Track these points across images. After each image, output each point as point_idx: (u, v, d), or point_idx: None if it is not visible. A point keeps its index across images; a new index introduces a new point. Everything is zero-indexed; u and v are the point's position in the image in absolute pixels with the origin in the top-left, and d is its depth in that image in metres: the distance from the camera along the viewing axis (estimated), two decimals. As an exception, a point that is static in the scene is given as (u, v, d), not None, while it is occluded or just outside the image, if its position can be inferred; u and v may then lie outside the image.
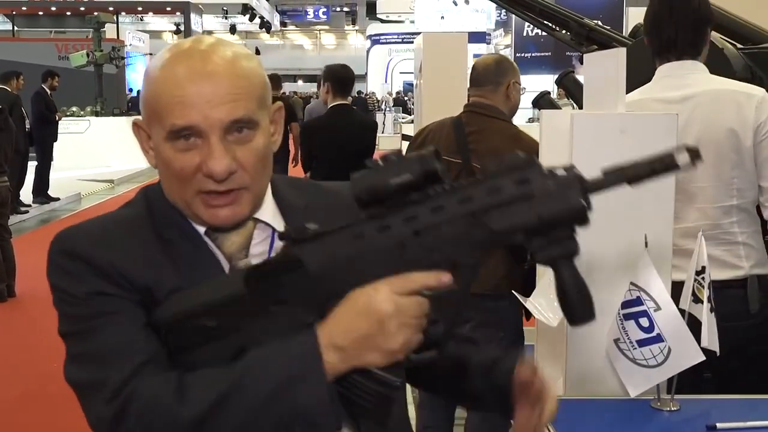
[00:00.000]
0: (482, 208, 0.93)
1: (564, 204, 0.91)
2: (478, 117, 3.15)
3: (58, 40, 23.12)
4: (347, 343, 0.99)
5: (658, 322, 1.90)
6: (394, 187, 0.95)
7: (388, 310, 0.97)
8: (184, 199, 1.13)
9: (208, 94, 1.08)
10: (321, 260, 0.99)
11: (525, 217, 0.92)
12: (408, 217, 0.96)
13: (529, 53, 22.65)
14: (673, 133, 2.14)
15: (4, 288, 6.60)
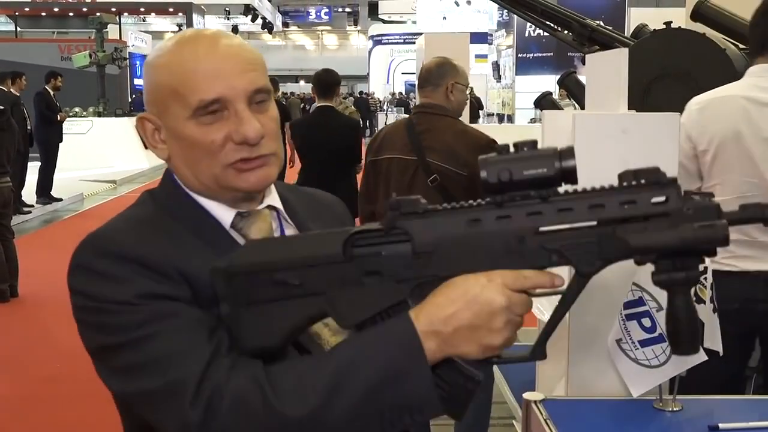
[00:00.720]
0: (614, 218, 0.91)
1: (711, 232, 0.87)
2: (427, 116, 3.35)
3: (61, 40, 23.18)
4: (449, 331, 0.96)
5: (661, 323, 1.90)
6: (526, 178, 0.91)
7: (501, 304, 0.95)
8: (213, 173, 1.14)
9: (229, 67, 1.13)
10: (429, 238, 0.95)
11: (667, 239, 0.88)
12: (532, 212, 0.93)
13: (531, 54, 22.65)
14: (675, 133, 2.14)
15: (7, 288, 6.60)
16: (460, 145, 3.25)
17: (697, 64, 3.39)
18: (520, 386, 2.42)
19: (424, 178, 3.25)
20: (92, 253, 1.10)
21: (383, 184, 3.41)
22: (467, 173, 3.18)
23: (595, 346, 2.08)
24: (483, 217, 0.94)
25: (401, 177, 3.32)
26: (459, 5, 28.61)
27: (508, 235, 0.93)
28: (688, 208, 0.89)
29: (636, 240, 0.89)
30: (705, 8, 3.84)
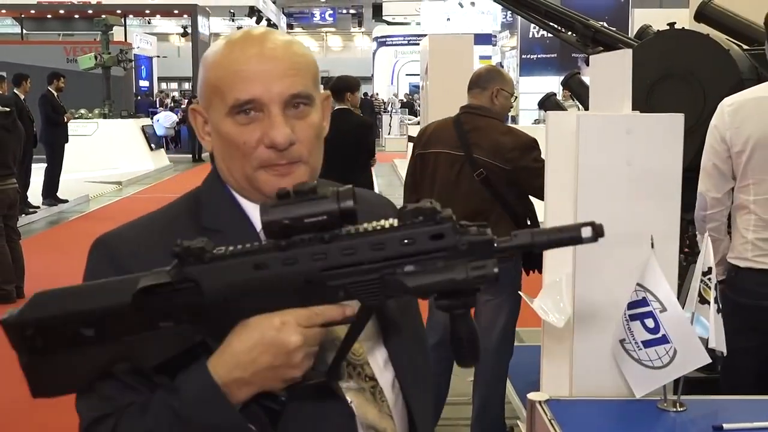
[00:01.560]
0: (395, 256, 0.94)
1: (482, 273, 0.93)
2: (473, 116, 3.70)
3: (67, 42, 23.22)
4: (248, 375, 0.99)
5: (664, 324, 1.91)
6: (306, 225, 0.94)
7: (297, 343, 0.97)
8: (246, 173, 1.17)
9: (269, 70, 1.14)
10: (218, 284, 0.97)
11: (440, 281, 0.94)
12: (317, 254, 0.95)
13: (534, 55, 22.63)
14: (679, 133, 2.14)
15: (13, 289, 6.62)
16: (505, 143, 3.57)
17: (700, 64, 3.39)
18: (524, 387, 2.43)
19: (470, 172, 3.56)
20: (94, 251, 1.17)
21: (429, 176, 3.71)
22: (510, 168, 3.51)
23: (599, 345, 2.08)
24: (269, 262, 0.96)
25: (449, 170, 3.63)
26: (463, 7, 28.59)
27: (295, 277, 0.96)
28: (462, 244, 0.93)
29: (412, 282, 0.94)
30: (709, 9, 3.84)
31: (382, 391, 1.19)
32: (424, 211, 0.94)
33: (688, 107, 3.16)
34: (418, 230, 0.94)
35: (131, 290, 0.97)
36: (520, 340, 5.71)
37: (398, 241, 0.94)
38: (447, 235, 0.93)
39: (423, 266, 0.94)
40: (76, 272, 1.15)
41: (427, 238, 0.94)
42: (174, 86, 39.29)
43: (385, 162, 18.03)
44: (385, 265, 0.95)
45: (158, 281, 0.97)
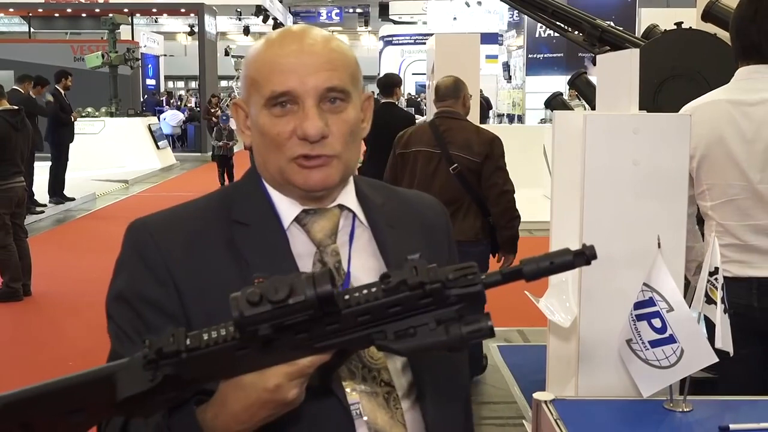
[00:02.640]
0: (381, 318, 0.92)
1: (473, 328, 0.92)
2: (447, 119, 4.41)
3: (74, 41, 23.25)
4: (248, 427, 1.00)
5: (671, 323, 1.90)
6: (289, 327, 0.92)
7: (295, 396, 0.98)
8: (279, 166, 1.18)
9: (305, 63, 1.16)
10: (200, 373, 0.95)
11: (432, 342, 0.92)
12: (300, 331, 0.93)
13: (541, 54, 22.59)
14: (686, 133, 2.14)
15: (20, 287, 6.65)
16: (474, 140, 4.30)
17: (707, 64, 3.39)
18: (530, 386, 2.42)
19: (446, 167, 4.26)
20: (125, 235, 1.21)
21: (410, 171, 4.42)
22: (480, 161, 4.25)
23: (605, 346, 2.08)
24: (250, 346, 0.93)
25: (427, 166, 4.33)
26: (470, 6, 28.58)
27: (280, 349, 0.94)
28: (451, 299, 0.91)
29: (402, 346, 0.92)
30: (716, 9, 3.82)
31: (397, 398, 1.18)
32: (410, 286, 0.91)
33: (695, 107, 3.16)
34: (405, 295, 0.91)
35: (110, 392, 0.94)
36: (526, 339, 5.72)
37: (384, 308, 0.92)
38: (435, 295, 0.91)
39: (414, 328, 0.92)
40: (82, 270, 1.17)
41: (416, 300, 0.92)
42: (180, 85, 39.36)
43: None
44: (373, 325, 0.93)
45: (138, 390, 0.94)
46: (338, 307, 0.92)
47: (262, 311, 0.89)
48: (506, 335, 5.77)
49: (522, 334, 5.81)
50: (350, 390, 1.16)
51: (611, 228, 2.14)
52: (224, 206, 1.23)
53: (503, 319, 5.98)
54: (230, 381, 0.98)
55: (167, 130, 20.83)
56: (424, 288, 0.91)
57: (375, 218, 1.26)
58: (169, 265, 1.16)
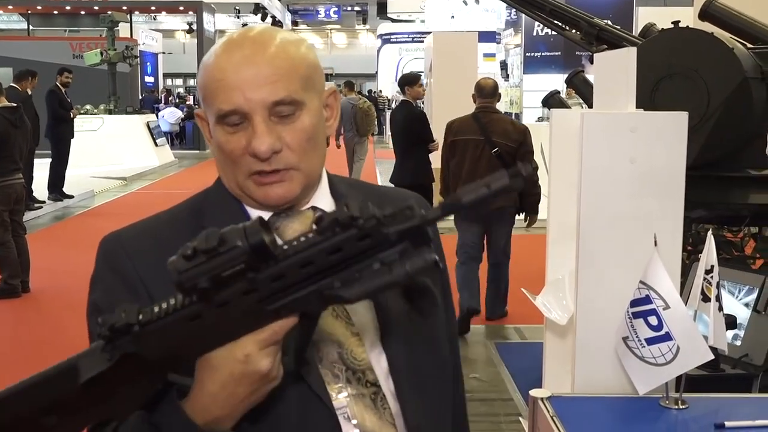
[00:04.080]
0: (326, 267, 0.91)
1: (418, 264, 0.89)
2: (488, 113, 5.79)
3: (73, 38, 23.22)
4: (230, 409, 0.98)
5: (667, 321, 1.91)
6: (227, 278, 0.90)
7: (269, 366, 0.96)
8: (238, 181, 1.16)
9: (249, 78, 1.11)
10: (157, 347, 0.94)
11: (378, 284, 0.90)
12: (247, 290, 0.92)
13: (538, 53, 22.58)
14: (683, 131, 2.15)
15: (19, 284, 6.65)
16: (511, 129, 5.73)
17: (705, 63, 3.39)
18: (526, 383, 2.43)
19: (488, 150, 5.60)
20: (98, 250, 1.19)
21: (460, 155, 5.73)
22: (515, 146, 5.57)
23: (601, 343, 2.09)
24: (201, 311, 0.93)
25: (474, 150, 5.67)
26: (467, 4, 28.54)
27: (232, 315, 0.94)
28: (392, 236, 0.89)
29: (349, 293, 0.90)
30: (713, 8, 3.83)
31: (384, 397, 1.16)
32: (342, 223, 0.90)
33: (692, 105, 3.17)
34: (342, 237, 0.90)
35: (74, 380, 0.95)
36: (523, 336, 5.73)
37: (326, 253, 0.90)
38: (374, 234, 0.89)
39: (359, 272, 0.90)
40: (81, 267, 1.18)
41: (355, 241, 0.90)
42: (179, 82, 39.33)
43: (389, 158, 18.01)
44: (320, 277, 0.91)
45: (98, 370, 0.94)
46: (274, 254, 0.90)
47: (197, 263, 0.89)
48: (503, 332, 5.79)
49: (519, 331, 5.83)
50: (336, 394, 1.13)
51: (608, 226, 2.15)
52: (195, 213, 1.20)
53: (501, 318, 6.00)
54: (202, 362, 0.97)
55: (165, 127, 20.80)
56: (358, 223, 0.89)
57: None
58: (140, 273, 1.14)
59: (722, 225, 4.12)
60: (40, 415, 0.97)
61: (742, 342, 2.90)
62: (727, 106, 3.35)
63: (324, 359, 1.14)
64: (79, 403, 0.97)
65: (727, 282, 2.98)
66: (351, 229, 0.89)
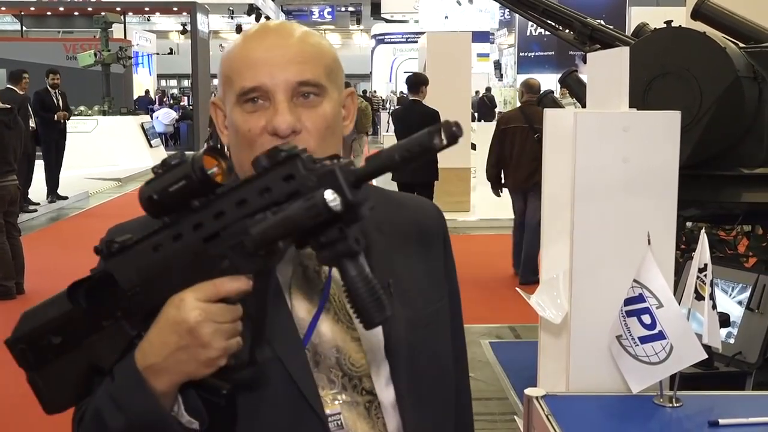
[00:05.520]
0: (256, 209, 0.91)
1: (310, 205, 0.85)
2: (530, 106, 6.99)
3: (66, 40, 23.19)
4: (162, 360, 0.96)
5: (661, 320, 1.92)
6: (173, 195, 0.93)
7: (198, 319, 0.93)
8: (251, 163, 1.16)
9: (276, 56, 1.13)
10: (130, 274, 0.98)
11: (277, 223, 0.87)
12: (196, 224, 0.94)
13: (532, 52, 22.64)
14: (676, 131, 2.15)
15: (13, 285, 6.64)
16: None
17: (697, 62, 3.40)
18: (521, 382, 2.44)
19: (532, 136, 6.83)
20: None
21: (510, 141, 7.14)
22: None
23: (596, 341, 2.10)
24: (163, 241, 0.97)
25: (521, 135, 7.06)
26: (461, 4, 28.57)
27: (184, 253, 0.95)
28: (311, 180, 0.88)
29: (255, 230, 0.89)
30: (705, 7, 3.85)
31: (379, 407, 1.14)
32: (270, 154, 0.91)
33: (685, 105, 3.17)
34: (270, 175, 0.90)
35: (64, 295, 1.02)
36: (517, 336, 5.74)
37: (257, 192, 0.91)
38: (297, 174, 0.89)
39: (274, 212, 0.89)
40: (76, 268, 1.17)
41: (281, 181, 0.90)
42: (173, 83, 39.26)
43: (384, 159, 17.92)
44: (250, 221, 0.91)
45: (82, 279, 1.00)
46: (213, 180, 0.93)
47: (152, 178, 0.96)
48: (498, 332, 5.80)
49: (513, 330, 5.84)
50: (330, 400, 1.12)
51: (602, 225, 2.16)
52: None
53: (495, 316, 6.01)
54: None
55: (160, 128, 20.77)
56: (280, 155, 0.90)
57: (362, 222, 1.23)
58: None
59: (715, 223, 4.14)
60: (50, 333, 1.04)
61: (735, 340, 2.91)
62: (719, 105, 3.36)
63: (321, 364, 1.13)
64: (74, 323, 1.02)
65: (721, 280, 2.99)
66: (277, 160, 0.90)
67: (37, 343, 1.05)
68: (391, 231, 1.23)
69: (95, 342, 1.03)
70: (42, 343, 1.05)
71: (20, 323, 1.07)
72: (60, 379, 1.06)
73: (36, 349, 1.06)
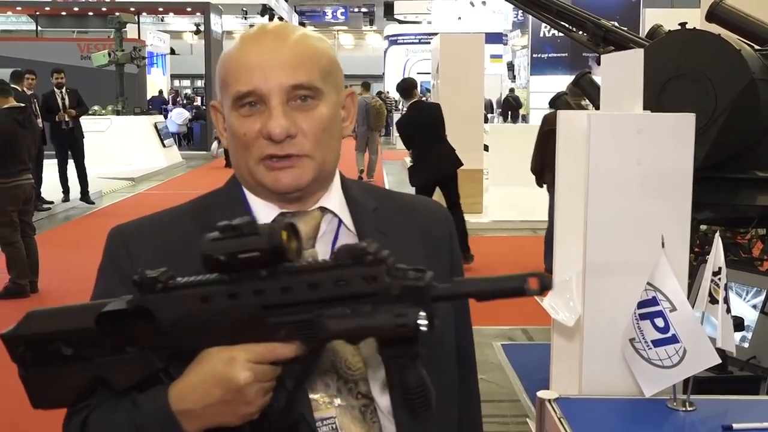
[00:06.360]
0: (329, 297, 0.94)
1: (401, 320, 0.90)
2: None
3: (81, 40, 23.30)
4: (200, 409, 0.99)
5: (674, 323, 1.91)
6: (242, 261, 0.95)
7: (248, 380, 0.96)
8: (249, 167, 1.15)
9: (270, 60, 1.12)
10: (170, 315, 0.99)
11: (362, 325, 0.92)
12: (257, 290, 0.96)
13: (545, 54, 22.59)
14: (690, 133, 2.14)
15: (27, 284, 6.67)
16: None
17: (711, 64, 3.39)
18: (533, 385, 2.43)
19: None
20: (105, 244, 1.20)
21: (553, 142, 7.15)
22: None
23: (608, 344, 2.09)
24: (215, 294, 0.98)
25: None
26: (474, 5, 28.53)
27: (239, 312, 0.97)
28: (395, 288, 0.91)
29: (335, 326, 0.93)
30: (720, 9, 3.83)
31: (375, 411, 1.13)
32: (356, 250, 0.93)
33: (699, 107, 3.16)
34: (351, 271, 0.93)
35: (94, 311, 1.02)
36: (530, 338, 5.72)
37: (332, 281, 0.93)
38: (380, 278, 0.92)
39: (352, 309, 0.92)
40: (89, 267, 1.18)
41: (361, 280, 0.92)
42: (186, 83, 39.43)
43: (396, 160, 18.00)
44: (319, 306, 0.94)
45: (117, 308, 1.01)
46: (288, 257, 0.94)
47: (223, 237, 0.95)
48: (510, 334, 5.78)
49: (526, 332, 5.82)
50: (327, 402, 1.12)
51: (615, 227, 2.15)
52: (201, 213, 1.20)
53: (507, 318, 6.00)
54: (198, 356, 0.99)
55: (173, 128, 20.85)
56: (367, 257, 0.92)
57: (363, 224, 1.21)
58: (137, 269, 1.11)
59: (730, 227, 4.11)
60: (61, 342, 1.04)
61: (749, 344, 2.89)
62: (734, 107, 3.34)
63: None
64: (93, 342, 1.03)
65: (735, 284, 2.97)
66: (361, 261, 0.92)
67: (44, 348, 1.06)
68: (395, 233, 1.23)
69: (112, 363, 1.04)
70: (49, 349, 1.05)
71: (25, 322, 1.07)
72: (59, 383, 1.07)
73: (39, 352, 1.06)
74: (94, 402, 1.08)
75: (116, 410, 1.05)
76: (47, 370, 1.06)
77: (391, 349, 0.93)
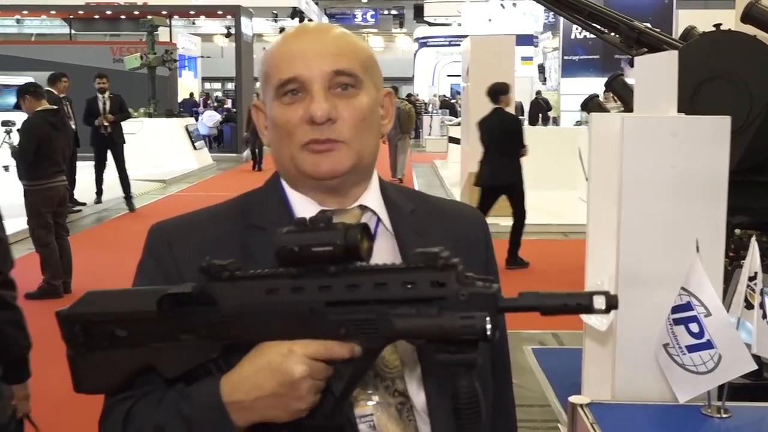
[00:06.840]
0: (395, 298, 0.94)
1: (469, 324, 0.90)
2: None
3: (113, 43, 23.59)
4: (251, 400, 1.00)
5: (709, 329, 1.88)
6: (314, 254, 0.96)
7: (303, 374, 0.97)
8: (291, 154, 1.16)
9: (312, 48, 1.15)
10: (233, 303, 1.00)
11: (428, 326, 0.92)
12: (323, 285, 0.97)
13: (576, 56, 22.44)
14: (726, 136, 2.11)
15: (60, 285, 6.76)
16: None
17: (746, 66, 3.34)
18: (564, 390, 2.41)
19: None
20: (146, 241, 1.21)
21: None
22: None
23: (641, 349, 2.07)
24: (280, 287, 0.99)
25: None
26: (505, 7, 28.45)
27: (301, 306, 0.98)
28: (463, 294, 0.92)
29: (401, 324, 0.93)
30: (756, 10, 3.77)
31: (411, 409, 1.14)
32: (428, 255, 0.93)
33: (734, 109, 3.11)
34: (420, 274, 0.94)
35: (156, 295, 1.03)
36: (560, 342, 5.68)
37: (400, 283, 0.94)
38: (448, 284, 0.92)
39: (417, 310, 0.93)
40: (121, 268, 1.19)
41: (428, 284, 0.93)
42: (217, 86, 39.76)
43: (425, 162, 17.99)
44: (384, 306, 0.94)
45: (181, 291, 1.02)
46: (361, 256, 0.95)
47: (298, 230, 0.96)
48: (541, 338, 5.74)
49: (557, 337, 5.78)
50: (364, 401, 1.12)
51: (648, 231, 2.13)
52: (241, 211, 1.22)
53: (538, 322, 5.95)
54: (254, 348, 1.00)
55: (204, 130, 21.03)
56: (438, 262, 0.92)
57: (401, 224, 1.22)
58: (181, 270, 1.15)
59: (765, 231, 4.05)
60: (117, 324, 1.05)
61: (785, 350, 2.84)
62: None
63: None
64: (149, 326, 1.04)
65: (771, 289, 2.93)
66: (433, 265, 0.93)
67: (99, 329, 1.07)
68: (430, 235, 1.23)
69: (164, 349, 1.05)
70: (104, 330, 1.06)
71: (83, 301, 1.09)
72: (107, 367, 1.08)
73: (93, 333, 1.07)
74: (138, 393, 1.09)
75: (162, 401, 1.06)
76: (97, 352, 1.07)
77: (449, 355, 0.93)
